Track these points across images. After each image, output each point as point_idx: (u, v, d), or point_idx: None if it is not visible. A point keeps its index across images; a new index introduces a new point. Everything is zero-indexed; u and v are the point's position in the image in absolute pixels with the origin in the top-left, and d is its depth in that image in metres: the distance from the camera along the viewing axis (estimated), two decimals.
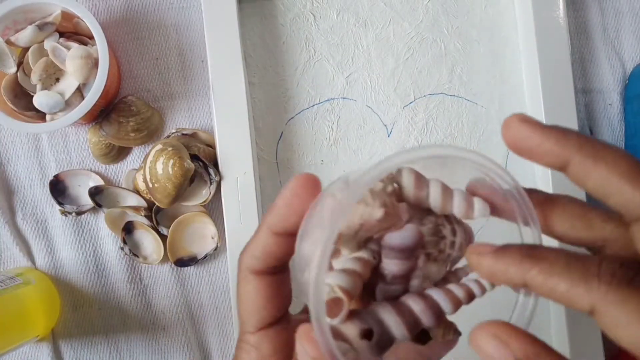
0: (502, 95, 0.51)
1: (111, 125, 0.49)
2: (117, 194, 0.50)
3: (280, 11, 0.51)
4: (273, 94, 0.50)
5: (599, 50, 0.53)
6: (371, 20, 0.51)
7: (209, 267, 0.51)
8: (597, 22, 0.52)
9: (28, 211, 0.51)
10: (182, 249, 0.50)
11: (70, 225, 0.51)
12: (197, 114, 0.51)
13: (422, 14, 0.51)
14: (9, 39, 0.46)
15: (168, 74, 0.51)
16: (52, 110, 0.46)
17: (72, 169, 0.51)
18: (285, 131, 0.51)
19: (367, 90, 0.51)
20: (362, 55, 0.51)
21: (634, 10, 0.53)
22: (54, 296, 0.50)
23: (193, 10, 0.51)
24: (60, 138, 0.51)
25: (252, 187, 0.47)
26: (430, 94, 0.51)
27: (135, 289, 0.51)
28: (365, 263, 0.22)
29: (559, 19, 0.48)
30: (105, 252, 0.51)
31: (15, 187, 0.51)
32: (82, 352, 0.51)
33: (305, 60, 0.51)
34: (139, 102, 0.50)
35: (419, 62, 0.51)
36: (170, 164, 0.46)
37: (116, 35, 0.51)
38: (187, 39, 0.51)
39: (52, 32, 0.46)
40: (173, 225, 0.49)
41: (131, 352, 0.51)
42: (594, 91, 0.53)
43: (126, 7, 0.51)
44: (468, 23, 0.51)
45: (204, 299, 0.51)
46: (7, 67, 0.45)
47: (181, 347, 0.51)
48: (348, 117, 0.51)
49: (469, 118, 0.51)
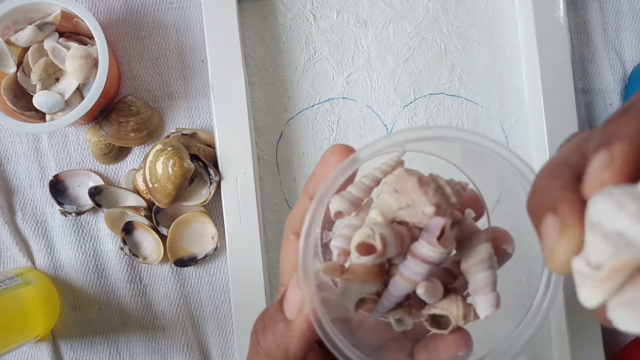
0: (502, 95, 0.51)
1: (111, 125, 0.49)
2: (117, 194, 0.50)
3: (280, 11, 0.51)
4: (273, 94, 0.50)
5: (599, 50, 0.53)
6: (371, 20, 0.51)
7: (209, 267, 0.51)
8: (597, 22, 0.52)
9: (28, 211, 0.51)
10: (182, 249, 0.50)
11: (70, 225, 0.51)
12: (197, 114, 0.51)
13: (422, 13, 0.51)
14: (9, 39, 0.46)
15: (168, 74, 0.51)
16: (52, 110, 0.46)
17: (71, 169, 0.51)
18: (285, 131, 0.50)
19: (367, 90, 0.51)
20: (362, 55, 0.51)
21: (634, 10, 0.52)
22: (53, 296, 0.50)
23: (193, 10, 0.51)
24: (60, 138, 0.51)
25: (252, 187, 0.47)
26: (430, 94, 0.51)
27: (135, 289, 0.51)
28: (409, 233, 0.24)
29: (559, 19, 0.48)
30: (105, 252, 0.51)
31: (15, 187, 0.51)
32: (82, 352, 0.51)
33: (305, 60, 0.51)
34: (139, 102, 0.50)
35: (419, 62, 0.51)
36: (170, 164, 0.46)
37: (116, 35, 0.51)
38: (187, 39, 0.51)
39: (52, 32, 0.46)
40: (173, 225, 0.49)
41: (131, 352, 0.51)
42: (594, 91, 0.52)
43: (126, 7, 0.51)
44: (468, 23, 0.51)
45: (203, 299, 0.51)
46: (6, 67, 0.45)
47: (181, 347, 0.51)
48: (348, 117, 0.51)
49: (469, 118, 0.51)
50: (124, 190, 0.50)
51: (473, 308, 0.25)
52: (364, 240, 0.23)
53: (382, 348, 0.28)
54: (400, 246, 0.23)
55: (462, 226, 0.26)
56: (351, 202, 0.25)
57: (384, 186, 0.24)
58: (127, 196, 0.50)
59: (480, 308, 0.24)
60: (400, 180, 0.24)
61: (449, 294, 0.25)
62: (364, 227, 0.23)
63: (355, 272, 0.24)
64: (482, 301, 0.24)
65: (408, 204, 0.24)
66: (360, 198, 0.25)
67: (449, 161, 0.28)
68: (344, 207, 0.25)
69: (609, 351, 0.48)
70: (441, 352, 0.26)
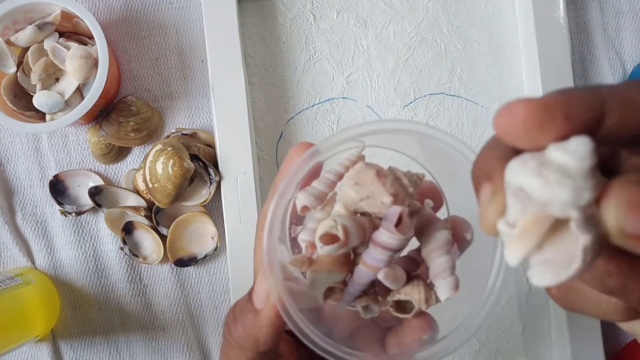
0: (502, 95, 0.51)
1: (111, 125, 0.49)
2: (117, 194, 0.50)
3: (280, 11, 0.51)
4: (273, 94, 0.50)
5: (599, 50, 0.53)
6: (371, 20, 0.51)
7: (209, 267, 0.51)
8: (597, 22, 0.52)
9: (28, 211, 0.51)
10: (182, 249, 0.50)
11: (70, 225, 0.51)
12: (197, 114, 0.51)
13: (422, 13, 0.51)
14: (9, 39, 0.46)
15: (168, 74, 0.51)
16: (52, 110, 0.46)
17: (71, 169, 0.51)
18: (285, 131, 0.50)
19: (367, 90, 0.51)
20: (362, 55, 0.51)
21: (634, 10, 0.52)
22: (53, 296, 0.50)
23: (193, 10, 0.51)
24: (60, 138, 0.51)
25: (252, 187, 0.47)
26: (430, 94, 0.51)
27: (135, 289, 0.51)
28: (370, 223, 0.25)
29: (559, 18, 0.48)
30: (105, 252, 0.51)
31: (15, 187, 0.51)
32: (82, 352, 0.51)
33: (305, 60, 0.51)
34: (139, 102, 0.50)
35: (419, 62, 0.51)
36: (170, 164, 0.46)
37: (116, 35, 0.51)
38: (187, 39, 0.51)
39: (52, 32, 0.46)
40: (173, 226, 0.49)
41: (131, 352, 0.51)
42: None
43: (126, 7, 0.51)
44: (468, 23, 0.51)
45: (203, 299, 0.51)
46: (7, 67, 0.45)
47: (181, 347, 0.51)
48: (348, 117, 0.51)
49: (469, 118, 0.51)
50: (124, 190, 0.50)
51: (434, 292, 0.26)
52: (327, 230, 0.24)
53: (354, 336, 0.29)
54: (362, 235, 0.25)
55: (421, 215, 0.27)
56: (316, 196, 0.26)
57: (345, 180, 0.26)
58: (127, 196, 0.50)
59: (441, 291, 0.25)
60: (360, 174, 0.25)
61: (412, 280, 0.27)
62: (327, 219, 0.24)
63: (322, 263, 0.25)
64: (441, 285, 0.25)
65: (368, 195, 0.25)
66: (324, 192, 0.27)
67: (405, 154, 0.30)
68: (309, 201, 0.26)
69: (609, 351, 0.48)
70: (407, 336, 0.27)
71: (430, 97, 0.51)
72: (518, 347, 0.50)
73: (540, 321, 0.50)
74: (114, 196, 0.50)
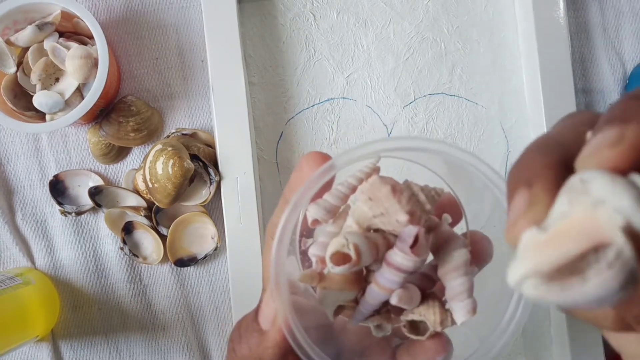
0: (502, 95, 0.51)
1: (111, 125, 0.49)
2: (117, 194, 0.50)
3: (280, 11, 0.51)
4: (273, 94, 0.50)
5: (599, 50, 0.52)
6: (371, 20, 0.51)
7: (209, 268, 0.51)
8: (597, 22, 0.52)
9: (28, 211, 0.51)
10: (182, 249, 0.50)
11: (70, 225, 0.51)
12: (197, 114, 0.51)
13: (422, 13, 0.51)
14: (9, 38, 0.46)
15: (168, 74, 0.51)
16: (52, 110, 0.46)
17: (71, 169, 0.51)
18: (285, 131, 0.50)
19: (367, 90, 0.51)
20: (362, 55, 0.51)
21: (634, 10, 0.52)
22: (53, 296, 0.50)
23: (193, 10, 0.51)
24: (60, 138, 0.51)
25: (252, 187, 0.47)
26: (430, 94, 0.51)
27: (135, 289, 0.51)
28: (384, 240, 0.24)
29: (559, 19, 0.48)
30: (105, 252, 0.51)
31: (15, 187, 0.51)
32: (82, 352, 0.51)
33: (305, 60, 0.51)
34: (139, 102, 0.50)
35: (419, 61, 0.51)
36: (170, 164, 0.46)
37: (116, 35, 0.51)
38: (187, 39, 0.51)
39: (52, 32, 0.46)
40: (173, 226, 0.49)
41: (131, 352, 0.51)
42: (594, 91, 0.52)
43: (126, 7, 0.51)
44: (468, 23, 0.51)
45: (203, 299, 0.51)
46: (6, 67, 0.45)
47: (181, 347, 0.51)
48: (348, 117, 0.51)
49: (469, 118, 0.51)
50: (124, 190, 0.50)
51: (450, 314, 0.25)
52: (338, 249, 0.23)
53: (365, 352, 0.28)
54: (375, 254, 0.24)
55: (439, 232, 0.26)
56: (327, 210, 0.25)
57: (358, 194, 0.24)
58: (127, 196, 0.50)
59: (457, 314, 0.25)
60: (374, 189, 0.24)
61: (427, 300, 0.26)
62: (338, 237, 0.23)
63: (332, 280, 0.24)
64: (458, 308, 0.24)
65: (382, 212, 0.24)
66: (336, 206, 0.25)
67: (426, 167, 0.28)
68: (320, 215, 0.25)
69: (609, 351, 0.48)
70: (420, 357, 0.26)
71: (430, 97, 0.51)
72: (518, 347, 0.50)
73: (540, 321, 0.50)
74: (114, 196, 0.50)
